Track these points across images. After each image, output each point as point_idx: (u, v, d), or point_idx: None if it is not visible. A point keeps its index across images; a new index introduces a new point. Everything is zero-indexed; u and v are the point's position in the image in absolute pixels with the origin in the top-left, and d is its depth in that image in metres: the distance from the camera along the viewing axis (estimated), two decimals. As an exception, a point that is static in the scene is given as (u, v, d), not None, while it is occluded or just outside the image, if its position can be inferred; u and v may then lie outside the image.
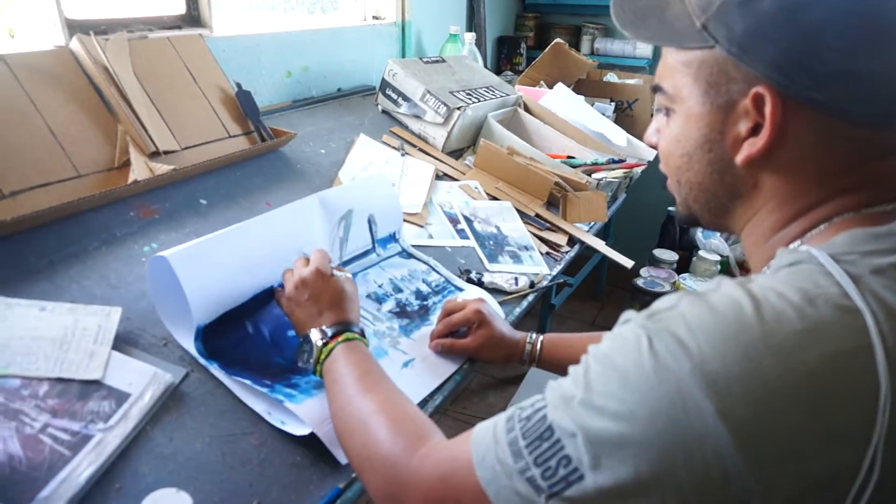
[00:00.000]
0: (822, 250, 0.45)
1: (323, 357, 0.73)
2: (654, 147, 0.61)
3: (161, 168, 1.05)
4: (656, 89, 0.56)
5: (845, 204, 0.49)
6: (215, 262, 0.78)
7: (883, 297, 0.42)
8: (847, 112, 0.46)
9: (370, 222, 1.04)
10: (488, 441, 0.48)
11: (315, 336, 0.74)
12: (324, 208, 0.94)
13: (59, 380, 0.69)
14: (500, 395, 2.23)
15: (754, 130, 0.49)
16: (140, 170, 1.03)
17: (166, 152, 1.10)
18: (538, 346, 0.92)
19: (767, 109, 0.47)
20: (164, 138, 1.10)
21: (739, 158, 0.50)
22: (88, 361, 0.71)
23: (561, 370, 0.94)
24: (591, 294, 2.84)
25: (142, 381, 0.71)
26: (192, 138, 1.16)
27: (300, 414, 0.71)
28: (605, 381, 0.43)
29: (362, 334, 0.76)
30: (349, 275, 0.82)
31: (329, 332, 0.74)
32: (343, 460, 0.70)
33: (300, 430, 0.71)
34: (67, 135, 0.99)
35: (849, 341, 0.40)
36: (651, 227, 2.35)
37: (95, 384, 0.69)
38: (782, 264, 0.46)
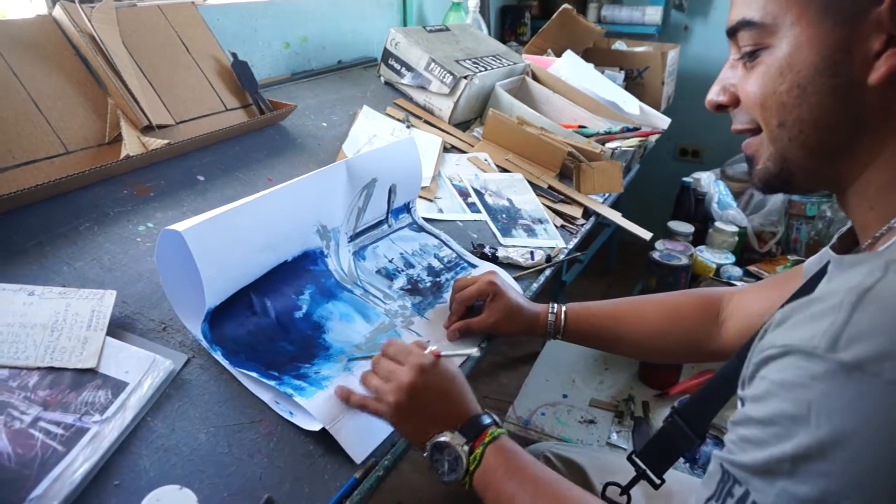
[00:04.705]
0: None
1: (473, 467, 0.62)
2: (720, 108, 0.55)
3: (155, 143, 0.99)
4: (740, 27, 0.50)
5: None
6: (233, 238, 0.71)
7: None
8: None
9: (390, 192, 0.98)
10: None
11: (456, 442, 0.63)
12: (350, 177, 0.88)
13: (51, 369, 0.63)
14: (513, 374, 2.19)
15: (889, 43, 0.44)
16: (132, 145, 0.96)
17: (160, 126, 1.04)
18: (562, 317, 0.87)
19: None
20: (157, 112, 1.04)
21: (875, 76, 0.45)
22: (82, 349, 0.66)
23: (586, 342, 0.90)
24: (599, 270, 2.78)
25: (140, 368, 0.66)
26: (187, 111, 1.10)
27: (311, 409, 0.66)
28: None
29: (495, 422, 0.66)
30: (433, 348, 0.69)
31: (470, 433, 0.64)
32: (359, 460, 0.65)
33: (310, 426, 0.66)
34: (54, 108, 0.93)
35: None
36: (662, 199, 2.29)
37: (90, 373, 0.64)
38: None
